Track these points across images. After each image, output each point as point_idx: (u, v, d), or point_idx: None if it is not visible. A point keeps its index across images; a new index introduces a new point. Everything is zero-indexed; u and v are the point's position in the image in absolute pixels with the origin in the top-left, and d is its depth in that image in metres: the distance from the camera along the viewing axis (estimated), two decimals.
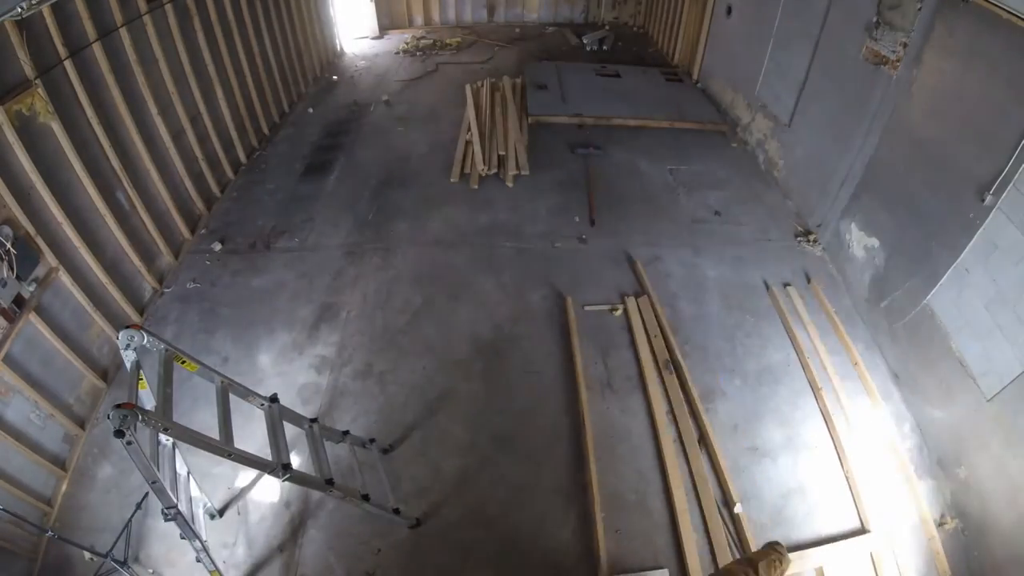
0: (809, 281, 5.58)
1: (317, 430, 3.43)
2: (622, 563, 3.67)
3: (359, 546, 3.73)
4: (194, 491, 3.51)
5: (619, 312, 5.16)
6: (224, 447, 2.70)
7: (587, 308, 5.21)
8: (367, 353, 4.87)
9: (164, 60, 5.49)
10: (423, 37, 11.51)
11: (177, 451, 3.25)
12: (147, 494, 3.88)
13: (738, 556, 3.61)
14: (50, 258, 4.04)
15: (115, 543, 3.49)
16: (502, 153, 7.21)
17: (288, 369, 4.74)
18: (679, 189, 6.97)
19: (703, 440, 4.24)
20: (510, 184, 6.88)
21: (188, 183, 5.97)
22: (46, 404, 3.90)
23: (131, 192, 5.01)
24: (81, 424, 4.25)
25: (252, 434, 4.28)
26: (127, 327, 2.57)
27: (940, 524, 3.85)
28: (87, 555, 3.60)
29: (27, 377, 3.77)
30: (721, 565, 3.56)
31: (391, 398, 4.55)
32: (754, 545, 3.70)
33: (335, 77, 9.87)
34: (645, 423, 4.39)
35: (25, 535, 3.60)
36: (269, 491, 3.98)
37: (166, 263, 5.56)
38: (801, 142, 6.57)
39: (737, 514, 3.86)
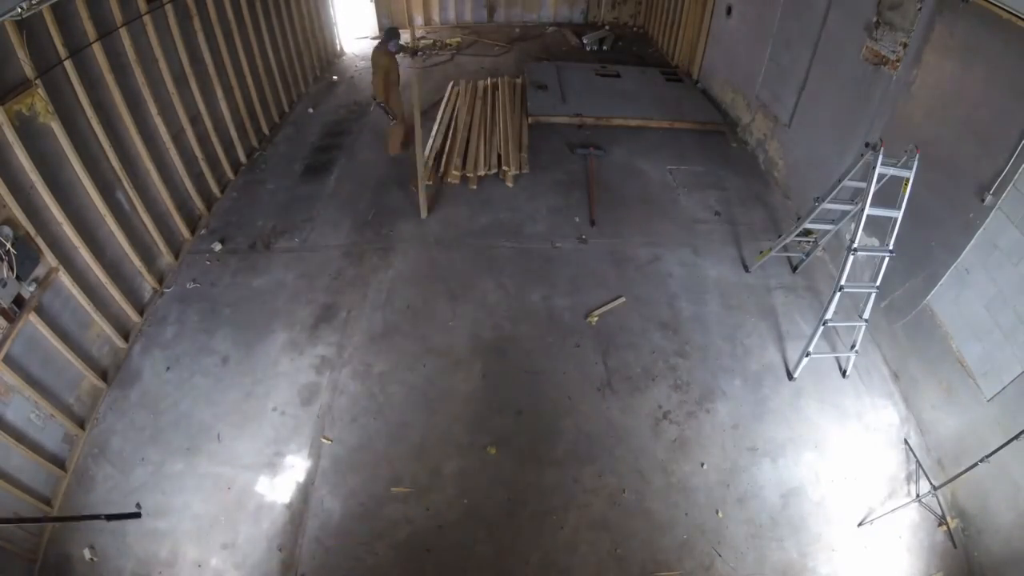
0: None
1: None
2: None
3: (359, 546, 3.73)
4: None
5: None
6: None
7: (590, 317, 5.21)
8: (367, 353, 4.87)
9: (164, 60, 5.48)
10: (423, 37, 11.51)
11: None
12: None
13: None
14: (50, 258, 4.04)
15: None
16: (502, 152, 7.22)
17: (288, 369, 4.73)
18: (679, 189, 6.97)
19: None
20: (510, 184, 6.88)
21: (188, 183, 5.96)
22: (46, 404, 3.90)
23: (131, 192, 5.01)
24: (81, 424, 4.25)
25: (254, 434, 4.30)
26: None
27: (940, 524, 3.85)
28: (87, 554, 3.61)
29: (27, 377, 3.76)
30: None
31: (391, 398, 4.55)
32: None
33: (335, 77, 9.87)
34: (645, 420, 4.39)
35: (25, 535, 3.60)
36: (269, 491, 3.98)
37: (166, 263, 5.56)
38: (801, 142, 6.57)
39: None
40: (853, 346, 4.68)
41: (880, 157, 4.11)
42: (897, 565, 3.76)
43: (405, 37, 11.47)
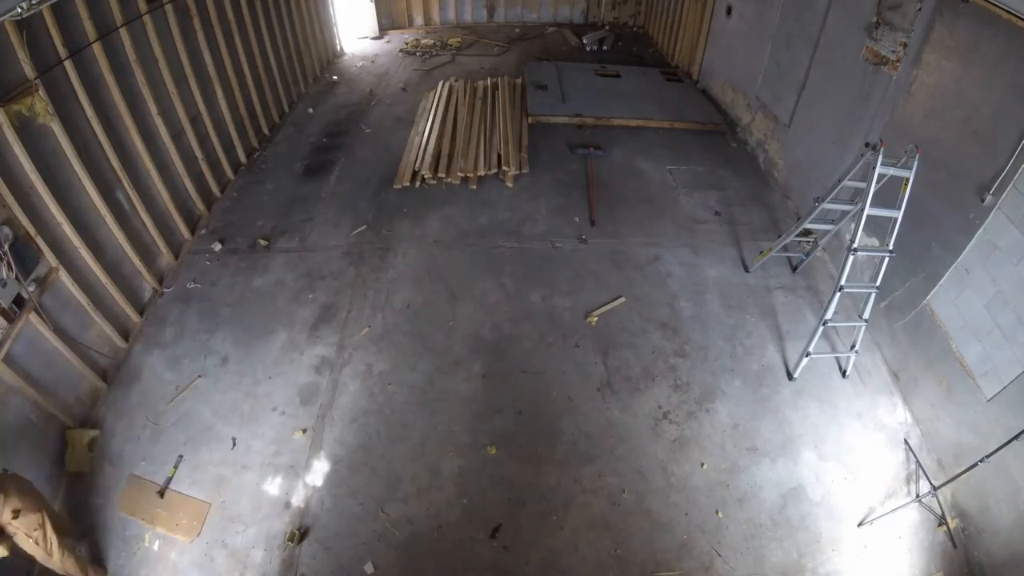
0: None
1: None
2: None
3: (359, 546, 3.73)
4: None
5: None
6: None
7: (590, 317, 5.21)
8: (367, 353, 4.87)
9: (164, 60, 5.48)
10: (423, 37, 11.52)
11: None
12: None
13: None
14: (50, 258, 4.04)
15: None
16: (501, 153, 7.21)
17: (288, 369, 4.73)
18: (679, 189, 6.97)
19: None
20: (510, 184, 6.88)
21: (188, 183, 5.96)
22: (46, 404, 3.90)
23: (131, 192, 5.01)
24: (81, 424, 4.25)
25: (254, 434, 4.30)
26: None
27: (940, 524, 3.85)
28: None
29: (27, 377, 3.77)
30: None
31: (391, 398, 4.55)
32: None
33: (335, 77, 9.87)
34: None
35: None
36: (269, 491, 3.98)
37: (166, 263, 5.56)
38: (801, 142, 6.58)
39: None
40: (853, 346, 4.68)
41: (880, 157, 4.11)
42: (897, 565, 3.76)
43: (405, 37, 11.52)
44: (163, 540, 3.74)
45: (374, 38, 11.61)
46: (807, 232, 5.43)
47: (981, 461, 3.34)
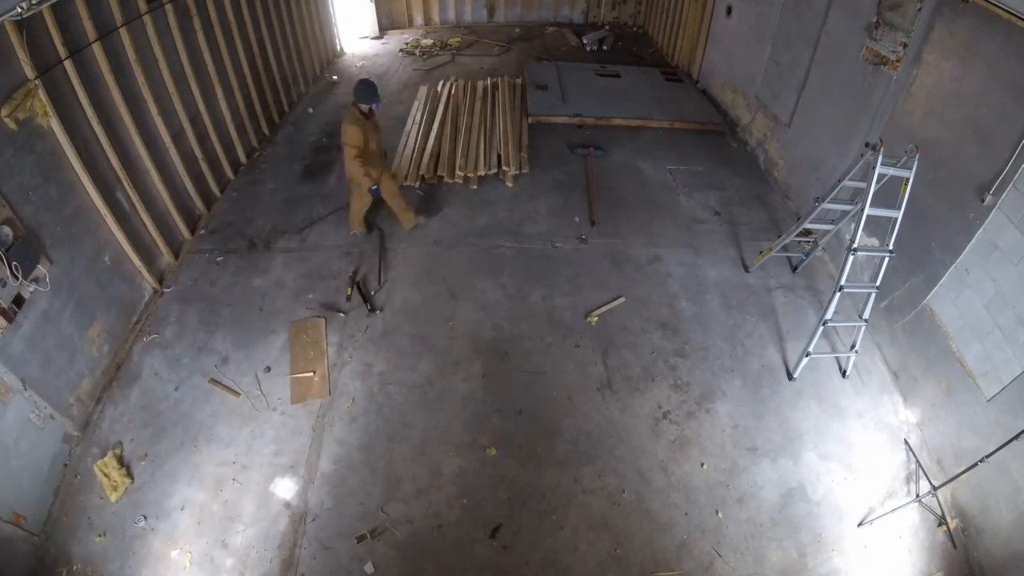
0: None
1: None
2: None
3: (359, 546, 3.73)
4: None
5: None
6: None
7: (590, 317, 5.21)
8: (367, 353, 4.87)
9: (164, 60, 5.48)
10: (423, 37, 11.52)
11: None
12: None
13: None
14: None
15: None
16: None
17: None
18: (679, 189, 6.97)
19: None
20: (510, 184, 6.88)
21: (188, 183, 5.96)
22: (46, 404, 3.90)
23: (131, 192, 5.01)
24: (81, 424, 4.25)
25: (253, 434, 4.31)
26: None
27: (940, 524, 3.85)
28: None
29: (27, 377, 3.76)
30: None
31: (391, 398, 4.55)
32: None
33: (335, 77, 9.87)
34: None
35: (25, 535, 3.60)
36: (269, 491, 3.98)
37: (166, 263, 5.56)
38: (801, 142, 6.58)
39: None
40: (853, 346, 4.68)
41: (880, 157, 4.11)
42: (897, 565, 3.76)
43: (405, 37, 11.52)
44: (164, 539, 3.74)
45: (374, 38, 11.61)
46: (807, 232, 5.43)
47: (981, 461, 3.34)
